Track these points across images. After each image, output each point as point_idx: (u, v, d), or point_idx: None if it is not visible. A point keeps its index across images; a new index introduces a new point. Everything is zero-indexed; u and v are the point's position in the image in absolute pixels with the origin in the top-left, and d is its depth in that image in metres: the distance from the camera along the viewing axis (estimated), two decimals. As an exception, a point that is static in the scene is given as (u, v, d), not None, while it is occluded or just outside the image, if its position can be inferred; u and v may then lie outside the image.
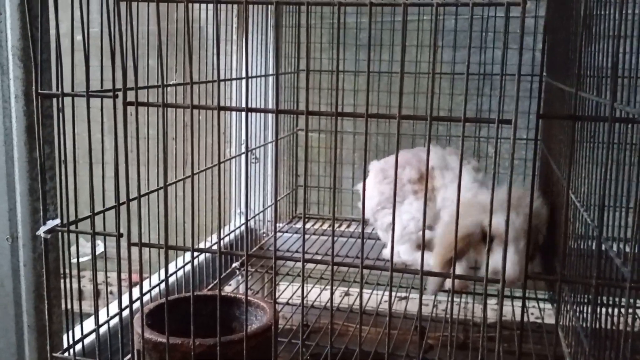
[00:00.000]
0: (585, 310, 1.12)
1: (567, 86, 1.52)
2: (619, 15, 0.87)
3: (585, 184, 1.22)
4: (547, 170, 1.88)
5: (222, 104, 0.91)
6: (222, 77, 1.93)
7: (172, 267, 1.58)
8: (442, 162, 1.77)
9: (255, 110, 0.91)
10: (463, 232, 1.42)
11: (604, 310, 0.99)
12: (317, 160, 2.41)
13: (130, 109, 0.95)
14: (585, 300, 1.14)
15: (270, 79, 2.14)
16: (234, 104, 2.07)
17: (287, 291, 1.85)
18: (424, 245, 0.85)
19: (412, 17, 2.27)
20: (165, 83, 0.97)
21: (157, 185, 1.31)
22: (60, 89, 0.98)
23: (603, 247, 0.94)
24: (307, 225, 2.23)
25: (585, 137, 1.27)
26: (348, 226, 2.24)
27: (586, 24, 1.03)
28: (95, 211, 1.03)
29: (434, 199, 1.71)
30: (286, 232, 2.16)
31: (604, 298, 0.99)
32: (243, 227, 2.04)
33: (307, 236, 2.10)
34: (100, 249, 2.47)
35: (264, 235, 2.20)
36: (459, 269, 1.51)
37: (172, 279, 1.53)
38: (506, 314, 1.70)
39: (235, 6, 2.03)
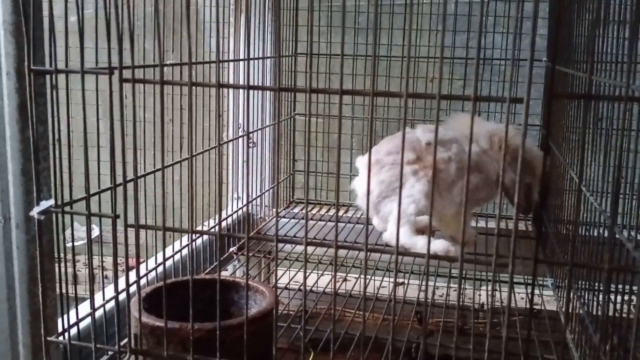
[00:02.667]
0: (591, 297, 1.10)
1: (570, 70, 1.50)
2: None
3: (591, 169, 1.20)
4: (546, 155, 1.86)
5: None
6: (218, 57, 1.90)
7: (168, 251, 1.55)
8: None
9: (257, 87, 0.88)
10: None
11: (611, 296, 0.97)
12: (314, 145, 2.38)
13: (127, 89, 0.92)
14: (591, 286, 1.12)
15: (268, 63, 2.10)
16: (231, 90, 2.04)
17: (285, 276, 1.83)
18: (430, 228, 0.82)
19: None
20: (162, 62, 0.94)
21: (153, 169, 1.28)
22: (54, 66, 0.95)
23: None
24: (304, 211, 2.21)
25: (590, 122, 1.25)
26: (346, 211, 2.22)
27: (599, 8, 1.01)
28: (91, 192, 1.00)
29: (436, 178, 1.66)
30: (283, 217, 2.13)
31: (612, 284, 0.98)
32: (240, 212, 2.02)
33: (304, 221, 2.08)
34: (95, 232, 2.44)
35: (261, 220, 2.17)
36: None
37: (168, 263, 1.51)
38: (504, 300, 1.69)
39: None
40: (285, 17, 2.20)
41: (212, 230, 1.73)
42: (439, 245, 1.59)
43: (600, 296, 1.03)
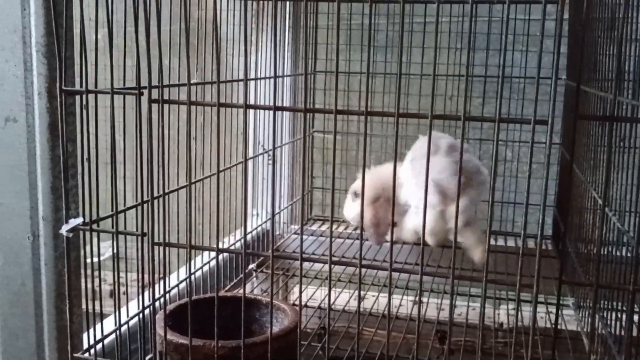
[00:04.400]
0: (614, 317, 1.09)
1: (591, 89, 1.50)
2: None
3: (614, 188, 1.20)
4: (567, 175, 1.85)
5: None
6: (242, 77, 1.92)
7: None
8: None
9: (284, 108, 0.90)
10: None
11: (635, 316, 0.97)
12: (331, 162, 2.39)
13: (154, 107, 0.94)
14: (614, 307, 1.11)
15: (287, 81, 2.12)
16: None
17: (303, 294, 1.83)
18: (455, 248, 0.83)
19: (430, 19, 2.25)
20: (190, 82, 0.96)
21: (176, 186, 1.30)
22: (85, 86, 0.97)
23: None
24: (323, 228, 2.22)
25: (613, 141, 1.25)
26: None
27: (620, 26, 1.01)
28: (118, 210, 1.02)
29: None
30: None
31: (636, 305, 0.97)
32: (259, 229, 2.03)
33: (322, 239, 2.09)
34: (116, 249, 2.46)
35: (279, 237, 2.18)
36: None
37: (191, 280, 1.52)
38: (525, 319, 1.68)
39: (255, 6, 2.01)
40: (305, 36, 2.22)
41: (236, 248, 1.74)
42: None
43: (624, 317, 1.03)
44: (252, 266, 1.89)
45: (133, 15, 0.92)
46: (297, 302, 1.74)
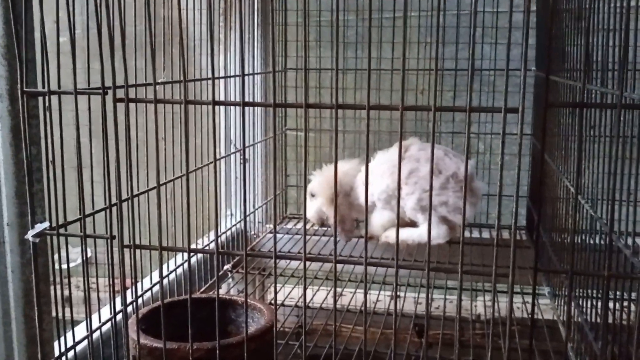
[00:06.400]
0: (589, 304, 1.10)
1: (560, 79, 1.51)
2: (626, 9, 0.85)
3: (586, 176, 1.21)
4: (539, 165, 1.87)
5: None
6: (210, 75, 1.90)
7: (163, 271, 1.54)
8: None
9: (252, 104, 0.88)
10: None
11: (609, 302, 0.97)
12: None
13: (120, 108, 0.92)
14: (589, 294, 1.12)
15: (258, 78, 2.11)
16: (222, 106, 2.03)
17: (280, 293, 1.82)
18: (429, 247, 0.82)
19: (399, 14, 2.25)
20: (155, 81, 0.94)
21: (145, 187, 1.28)
22: (47, 87, 0.94)
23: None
24: (298, 226, 2.20)
25: (584, 129, 1.25)
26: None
27: (586, 17, 1.02)
28: (86, 213, 1.00)
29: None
30: (277, 232, 2.13)
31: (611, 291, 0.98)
32: (233, 229, 2.01)
33: (298, 237, 2.07)
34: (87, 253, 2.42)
35: (255, 236, 2.16)
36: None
37: (163, 283, 1.49)
38: (502, 310, 1.68)
39: (222, 4, 1.99)
40: (275, 33, 2.21)
41: (209, 248, 1.72)
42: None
43: (600, 304, 1.04)
44: (227, 267, 1.87)
45: (95, 15, 0.90)
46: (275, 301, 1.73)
